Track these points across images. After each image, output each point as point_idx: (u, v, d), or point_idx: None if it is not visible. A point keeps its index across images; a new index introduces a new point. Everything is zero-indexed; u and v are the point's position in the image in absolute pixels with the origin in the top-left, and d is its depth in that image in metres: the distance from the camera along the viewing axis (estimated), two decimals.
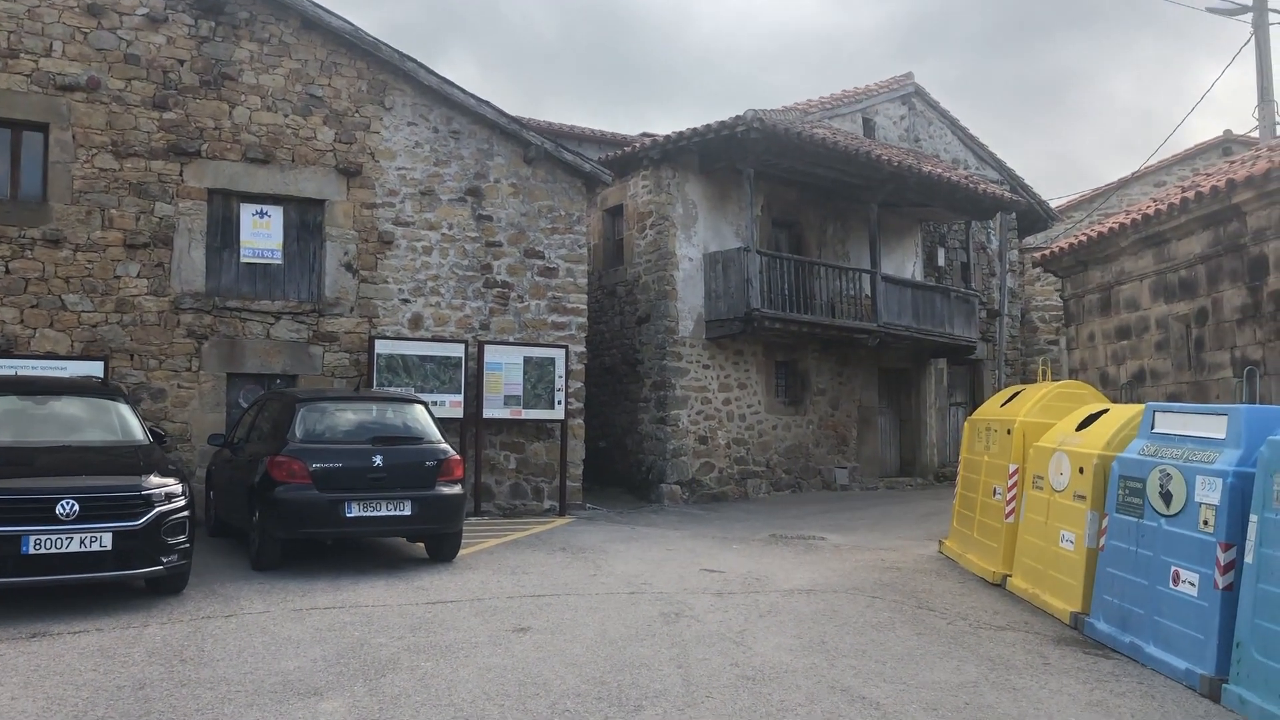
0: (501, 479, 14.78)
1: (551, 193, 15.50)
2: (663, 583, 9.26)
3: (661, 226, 17.02)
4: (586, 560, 10.45)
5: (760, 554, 11.26)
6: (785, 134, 15.89)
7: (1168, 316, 10.74)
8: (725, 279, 16.82)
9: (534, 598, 8.45)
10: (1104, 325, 12.05)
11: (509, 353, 14.57)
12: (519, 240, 15.20)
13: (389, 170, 14.38)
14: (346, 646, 6.79)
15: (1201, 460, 6.63)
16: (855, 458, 19.61)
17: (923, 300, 19.30)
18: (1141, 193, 28.72)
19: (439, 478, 9.87)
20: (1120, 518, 7.44)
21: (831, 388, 19.32)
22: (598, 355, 18.41)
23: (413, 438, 10.12)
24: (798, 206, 19.05)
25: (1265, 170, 8.58)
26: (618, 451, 18.03)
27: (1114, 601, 7.37)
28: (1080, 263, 12.47)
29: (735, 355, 17.71)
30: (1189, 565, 6.54)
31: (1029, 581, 8.96)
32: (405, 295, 14.37)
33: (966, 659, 6.79)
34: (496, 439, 14.77)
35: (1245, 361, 9.34)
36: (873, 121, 20.66)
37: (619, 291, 18.17)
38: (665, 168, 17.03)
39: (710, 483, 17.10)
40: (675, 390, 16.83)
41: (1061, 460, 8.66)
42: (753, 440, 17.85)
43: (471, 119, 14.95)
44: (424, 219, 14.56)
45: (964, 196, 19.23)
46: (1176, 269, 10.54)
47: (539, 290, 15.30)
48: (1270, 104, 17.08)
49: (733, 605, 8.31)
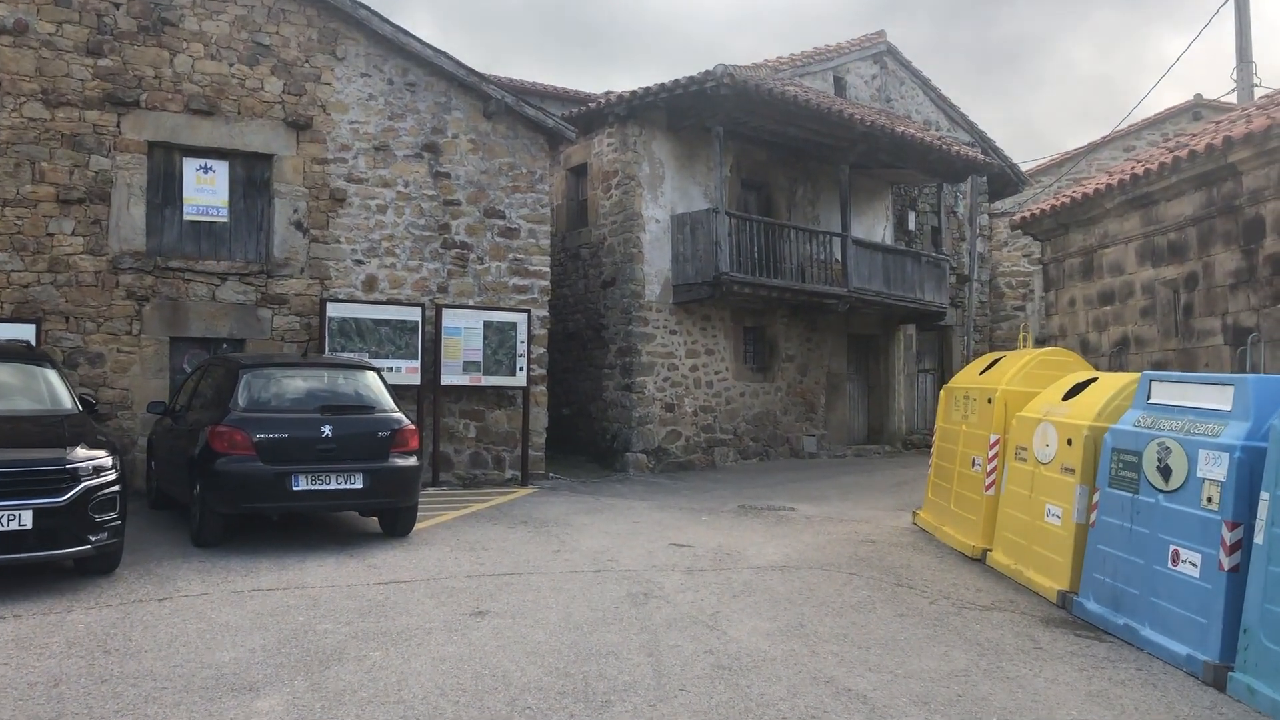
0: (461, 448, 14.24)
1: (512, 149, 14.85)
2: (630, 559, 8.80)
3: (627, 186, 16.43)
4: (549, 535, 9.97)
5: (730, 526, 10.84)
6: (756, 90, 15.32)
7: (1154, 281, 10.36)
8: (693, 241, 16.29)
9: (493, 577, 7.96)
10: (1085, 290, 11.67)
11: (468, 317, 13.97)
12: (478, 199, 14.56)
13: (341, 124, 13.67)
14: (289, 634, 6.27)
15: (1204, 433, 6.23)
16: (824, 425, 19.25)
17: (894, 265, 18.89)
18: (1111, 157, 28.47)
19: (392, 449, 9.31)
20: (1113, 493, 7.06)
21: (800, 354, 18.90)
22: (561, 320, 17.86)
23: (364, 406, 9.55)
24: (767, 167, 18.53)
25: (1265, 127, 8.17)
26: (582, 419, 17.53)
27: (1106, 581, 7.00)
28: (1061, 225, 12.06)
29: (703, 321, 17.22)
30: (1190, 544, 6.17)
31: (1011, 557, 8.60)
32: (359, 256, 13.71)
33: (954, 643, 6.39)
34: (455, 407, 14.21)
35: (1238, 328, 8.98)
36: (844, 80, 20.12)
37: (583, 254, 17.59)
38: (631, 125, 16.42)
39: (677, 451, 16.66)
40: (641, 356, 16.33)
41: (1047, 431, 8.27)
42: (720, 408, 17.41)
43: (428, 70, 14.25)
44: (378, 176, 13.88)
45: (937, 158, 18.78)
46: (1165, 231, 10.15)
47: (500, 251, 14.70)
48: (1249, 65, 16.73)
49: (704, 584, 7.87)
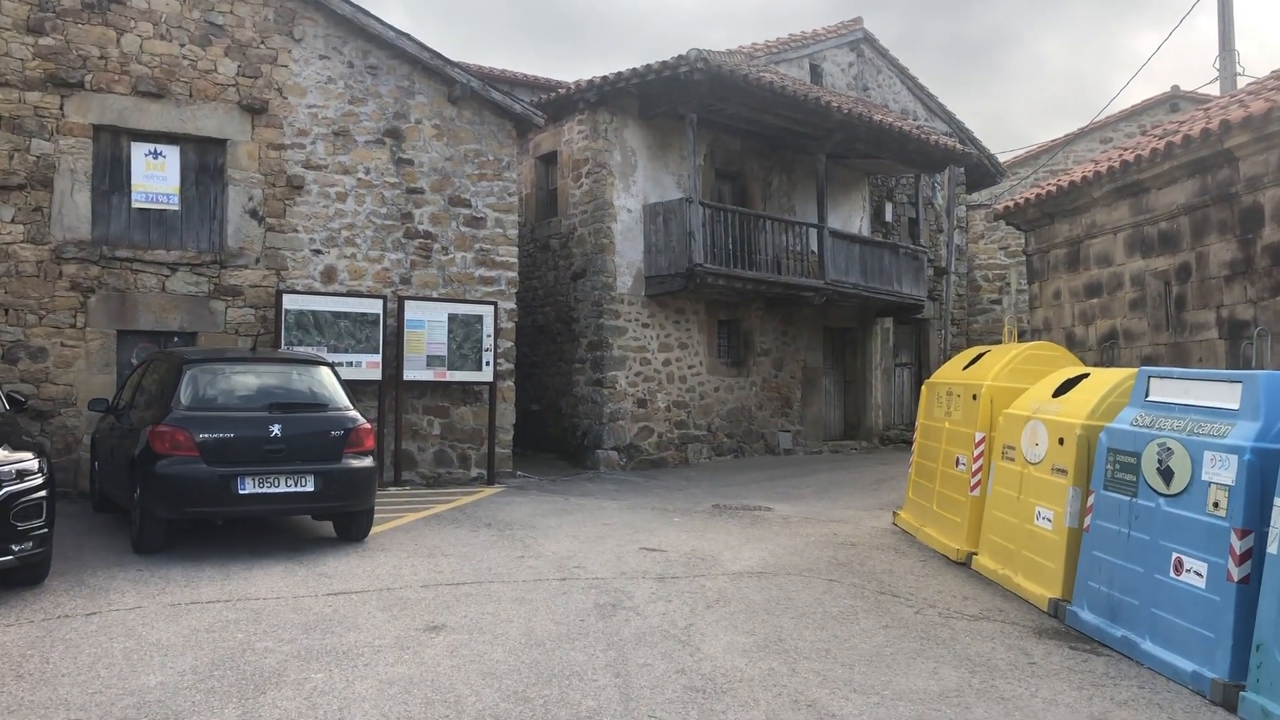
0: (424, 446, 13.71)
1: (479, 136, 14.32)
2: (598, 565, 8.33)
3: (598, 175, 15.93)
4: (514, 539, 9.48)
5: (704, 528, 10.39)
6: (731, 76, 14.86)
7: (1145, 273, 9.98)
8: (666, 232, 15.82)
9: (452, 586, 7.46)
10: (1071, 282, 11.29)
11: (432, 309, 13.44)
12: (443, 187, 14.02)
13: (299, 108, 13.09)
14: (226, 653, 5.75)
15: (1210, 434, 5.83)
16: (799, 421, 18.84)
17: (871, 257, 18.49)
18: (1088, 149, 28.25)
19: (346, 449, 8.79)
20: (1109, 495, 6.65)
21: (775, 348, 18.48)
22: (529, 313, 17.35)
23: (317, 404, 9.02)
24: (741, 156, 18.07)
25: (1266, 110, 7.79)
26: (551, 415, 17.03)
27: (1101, 589, 6.60)
28: (1046, 215, 11.67)
29: (676, 313, 16.75)
30: (1195, 553, 5.76)
31: (998, 561, 8.19)
32: (317, 246, 13.15)
33: (943, 659, 5.96)
34: (419, 403, 13.68)
35: (1233, 322, 8.61)
36: (820, 68, 19.70)
37: (553, 244, 17.08)
38: (602, 111, 15.92)
39: (649, 448, 16.20)
40: (613, 350, 15.85)
41: (1037, 429, 7.86)
42: (694, 403, 16.96)
43: (391, 53, 13.69)
44: (338, 162, 13.31)
45: (915, 148, 18.39)
46: (1156, 221, 9.76)
47: (465, 241, 14.17)
48: (1231, 53, 16.44)
49: (676, 593, 7.41)
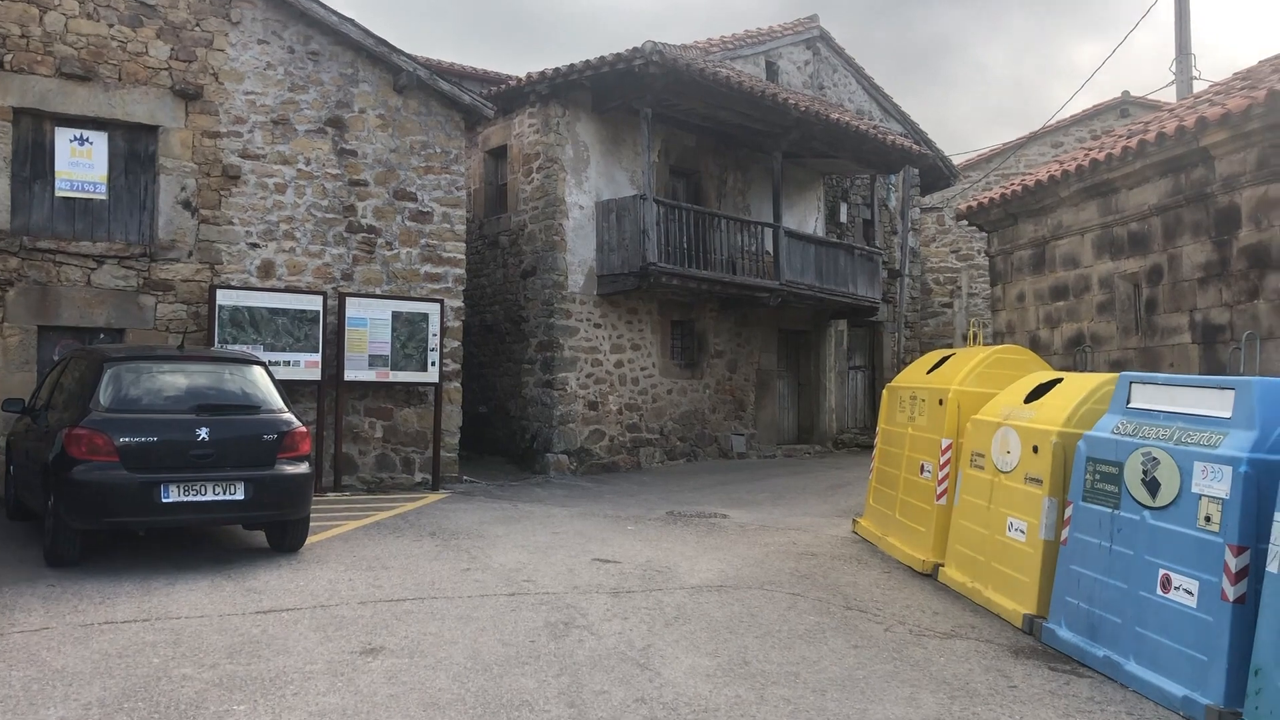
0: (366, 449, 13.13)
1: (425, 127, 13.77)
2: (549, 578, 7.86)
3: (550, 170, 15.45)
4: (459, 549, 8.97)
5: (659, 536, 9.97)
6: (687, 70, 14.46)
7: (1113, 275, 9.73)
8: (620, 230, 15.38)
9: (392, 603, 6.95)
10: (1036, 284, 11.04)
11: (375, 306, 12.88)
12: (388, 179, 13.45)
13: (236, 94, 12.46)
14: (139, 682, 5.21)
15: (1201, 443, 5.51)
16: (753, 424, 18.50)
17: (826, 258, 18.21)
18: (1039, 154, 28.31)
19: (280, 454, 8.24)
20: (1088, 507, 6.33)
21: (730, 349, 18.12)
22: (477, 311, 16.82)
23: (249, 406, 8.44)
24: (696, 154, 17.69)
25: (1244, 107, 7.55)
26: (499, 418, 16.51)
27: (1080, 606, 6.27)
28: (1010, 215, 11.41)
29: (629, 313, 16.32)
30: (1184, 569, 5.44)
31: (967, 574, 7.86)
32: (254, 239, 12.52)
33: (919, 683, 5.59)
34: (360, 404, 13.10)
35: (1207, 325, 8.36)
36: (776, 65, 19.37)
37: (502, 241, 16.56)
38: (554, 105, 15.44)
39: (600, 452, 15.75)
40: (563, 351, 15.37)
41: (1009, 436, 7.54)
42: (646, 406, 16.54)
43: (333, 39, 13.10)
44: (277, 152, 12.69)
45: (872, 148, 18.14)
46: (1126, 222, 9.52)
47: (410, 237, 13.61)
48: (1188, 57, 16.39)
49: (633, 609, 6.96)
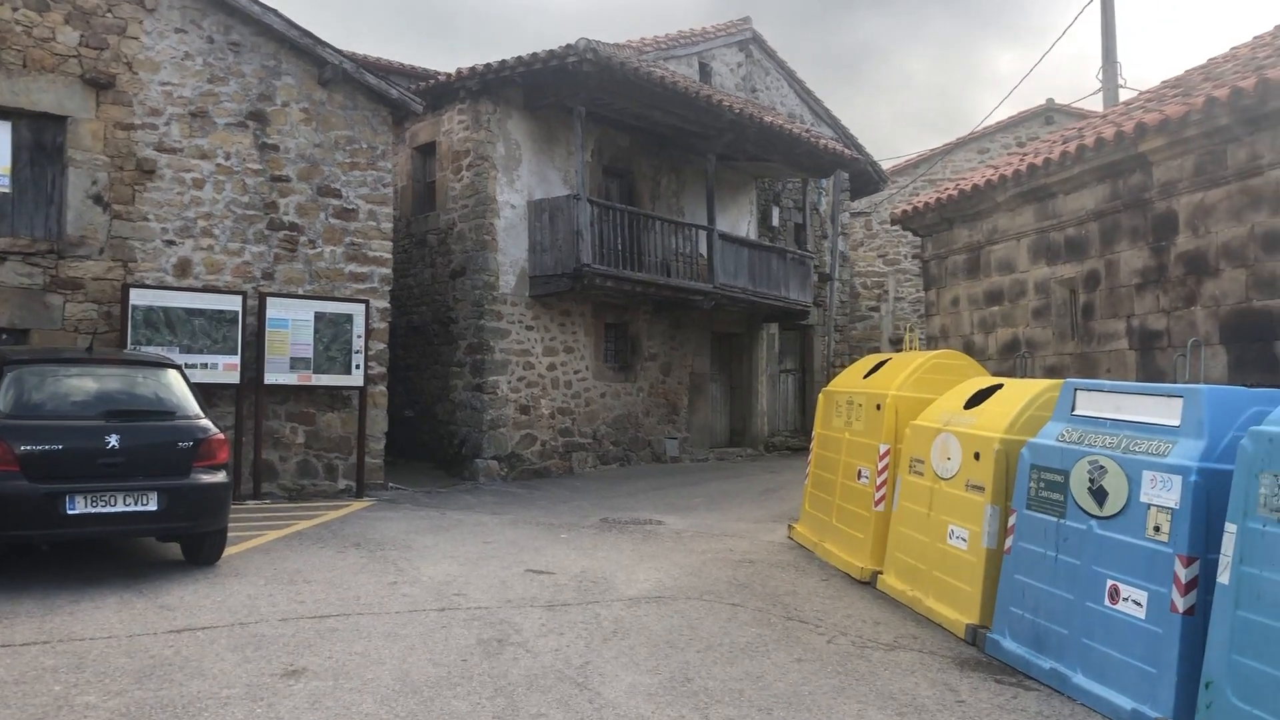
0: (287, 456, 12.66)
1: (351, 122, 13.34)
2: (480, 591, 7.56)
3: (480, 168, 15.11)
4: (386, 561, 8.62)
5: (594, 545, 9.72)
6: (621, 69, 14.24)
7: (1050, 280, 9.75)
8: (552, 230, 15.09)
9: (316, 620, 6.60)
10: (971, 289, 11.03)
11: (297, 307, 12.43)
12: (311, 175, 13.00)
13: (151, 85, 11.91)
14: (35, 713, 4.81)
15: (1149, 452, 5.44)
16: (686, 428, 18.34)
17: (759, 261, 18.13)
18: (965, 160, 28.70)
19: (196, 462, 7.81)
20: (1033, 516, 6.24)
21: (663, 352, 17.95)
22: (404, 312, 16.40)
23: (162, 411, 8.00)
24: (630, 154, 17.49)
25: (1182, 113, 7.56)
26: (426, 422, 16.11)
27: (1025, 616, 6.18)
28: (945, 220, 11.40)
29: (562, 316, 16.04)
30: (1132, 580, 5.36)
31: (906, 582, 7.76)
32: (170, 236, 11.98)
33: (866, 698, 5.43)
34: (281, 409, 12.63)
35: (1144, 331, 8.38)
36: (709, 67, 19.26)
37: (430, 241, 16.16)
38: (485, 101, 15.11)
39: (532, 457, 15.44)
40: (494, 354, 15.04)
41: (949, 443, 7.45)
42: (579, 410, 16.28)
43: (255, 29, 12.61)
44: (195, 146, 12.18)
45: (804, 151, 18.12)
46: (1063, 227, 9.52)
47: (335, 235, 13.17)
48: (1114, 65, 16.67)
49: (569, 623, 6.71)
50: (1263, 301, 7.24)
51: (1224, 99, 7.26)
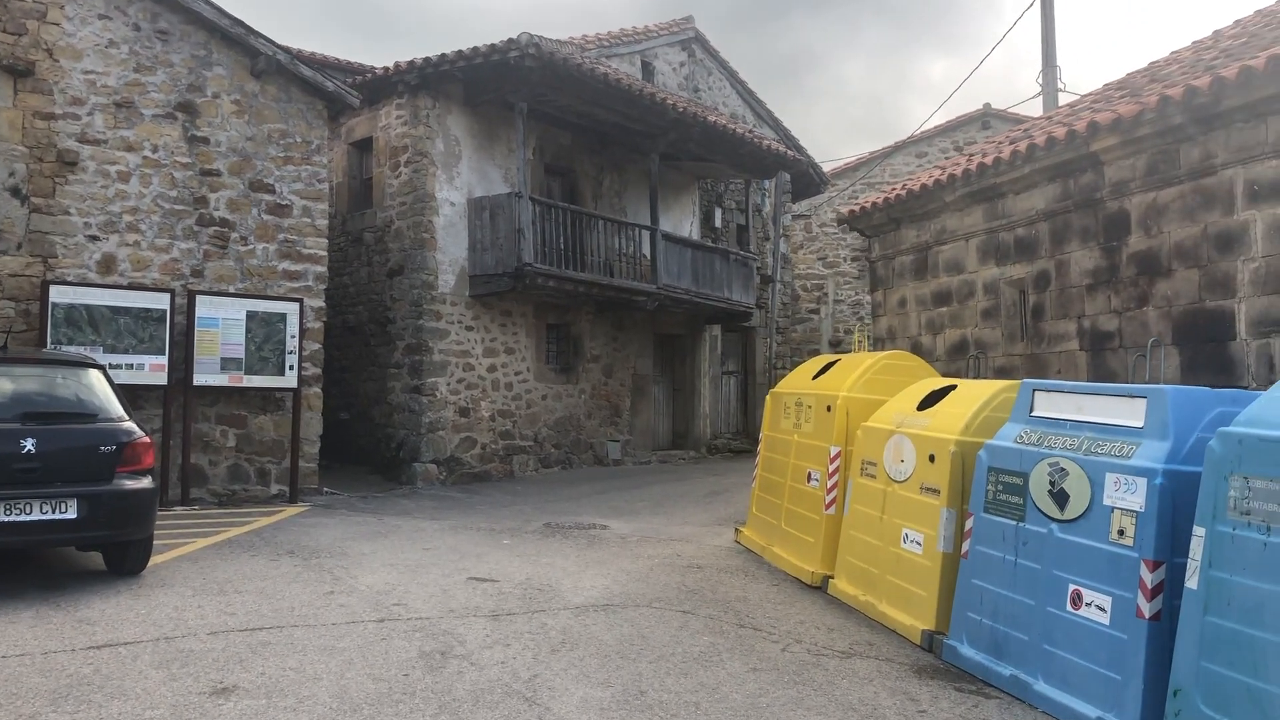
0: (217, 460, 12.19)
1: (285, 115, 12.91)
2: (421, 601, 7.26)
3: (419, 164, 14.74)
4: (321, 569, 8.27)
5: (537, 551, 9.45)
6: (564, 65, 13.99)
7: (999, 280, 9.70)
8: (493, 228, 14.78)
9: (247, 633, 6.25)
10: (918, 290, 10.97)
11: (228, 305, 11.98)
12: (243, 169, 12.55)
13: (73, 73, 11.39)
14: None
15: (1112, 454, 5.34)
16: (629, 430, 18.13)
17: (703, 262, 17.98)
18: (904, 163, 28.92)
19: (120, 467, 7.40)
20: (991, 519, 6.13)
21: (606, 354, 17.71)
22: (340, 312, 15.97)
23: (84, 414, 7.57)
24: (572, 152, 17.23)
25: (1135, 113, 7.53)
26: (363, 425, 15.69)
27: (984, 622, 6.06)
28: (892, 220, 11.32)
29: (503, 316, 15.73)
30: (1096, 585, 5.25)
31: (859, 586, 7.62)
32: (94, 231, 11.47)
33: (826, 709, 5.25)
34: (211, 411, 12.16)
35: (1095, 332, 8.35)
36: (652, 66, 19.08)
37: (367, 238, 15.75)
38: (424, 96, 14.75)
39: (471, 461, 15.10)
40: (433, 355, 14.68)
41: (902, 445, 7.33)
42: (520, 412, 15.97)
43: (184, 17, 12.14)
44: (120, 137, 11.67)
45: (748, 152, 18.01)
46: (1013, 227, 9.48)
47: (268, 231, 12.73)
48: (1054, 69, 16.82)
49: (515, 634, 6.44)
50: (1215, 302, 7.24)
51: (1178, 98, 7.24)
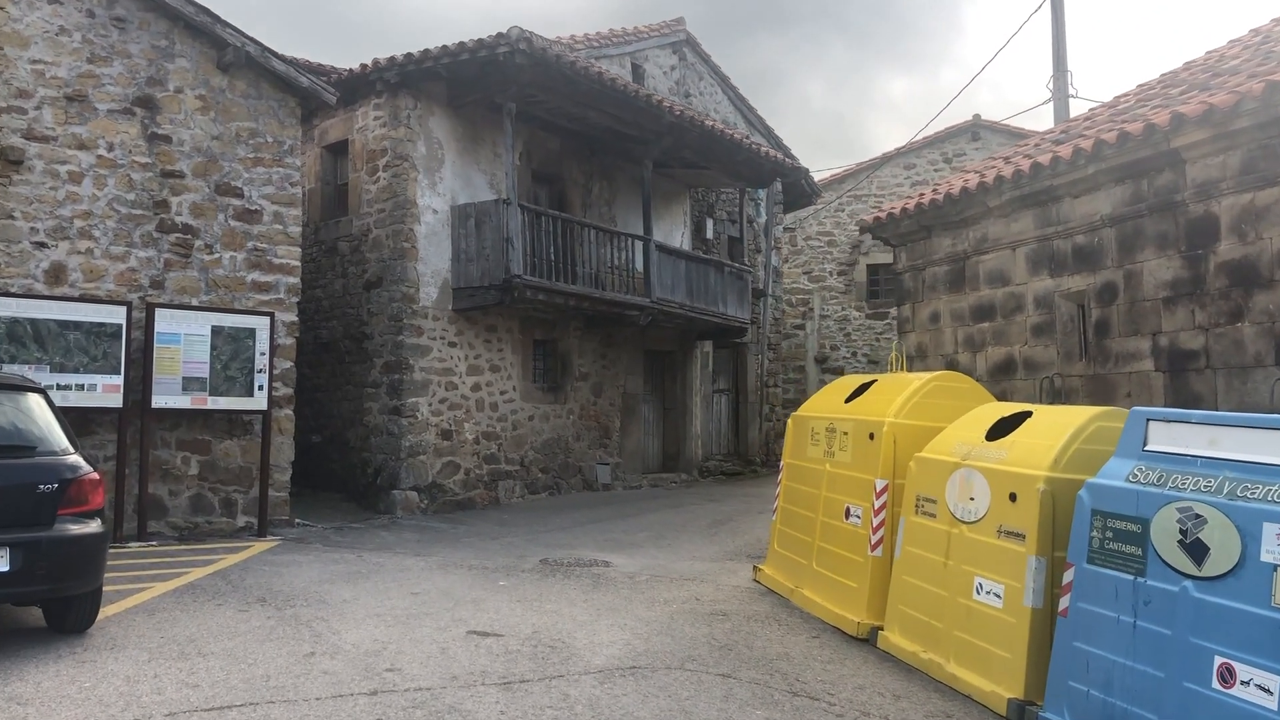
0: (179, 489, 11.07)
1: (255, 112, 11.86)
2: (418, 664, 6.22)
3: (399, 168, 13.71)
4: (298, 622, 7.20)
5: (539, 594, 8.44)
6: (557, 63, 13.02)
7: (1054, 293, 8.81)
8: (479, 237, 13.76)
9: (214, 713, 5.20)
10: (955, 303, 10.08)
11: (191, 320, 10.88)
12: (209, 171, 11.47)
13: (19, 63, 10.30)
14: None
15: (1268, 499, 4.44)
16: (618, 452, 17.12)
17: (697, 274, 17.05)
18: (892, 175, 28.30)
19: (62, 509, 6.33)
20: (1098, 571, 5.21)
21: (595, 372, 16.71)
22: (313, 327, 14.87)
23: (20, 446, 6.47)
24: (560, 158, 16.26)
25: (1233, 103, 6.67)
26: (337, 449, 14.57)
27: (1093, 694, 5.12)
28: (923, 228, 10.43)
29: (487, 331, 14.70)
30: (1253, 658, 4.34)
31: (918, 641, 6.68)
32: (41, 237, 10.35)
33: None
34: (172, 436, 11.04)
35: (1175, 351, 7.48)
36: (642, 69, 18.18)
37: (342, 248, 14.67)
38: (404, 95, 13.73)
39: (455, 487, 14.03)
40: (413, 373, 13.62)
41: (972, 480, 6.41)
42: (506, 434, 14.93)
43: (144, 4, 11.09)
44: (71, 134, 10.57)
45: (745, 159, 17.13)
46: (1070, 234, 8.58)
47: (235, 239, 11.65)
48: (1064, 73, 16.05)
49: (534, 710, 5.43)
50: None
51: None
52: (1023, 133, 26.90)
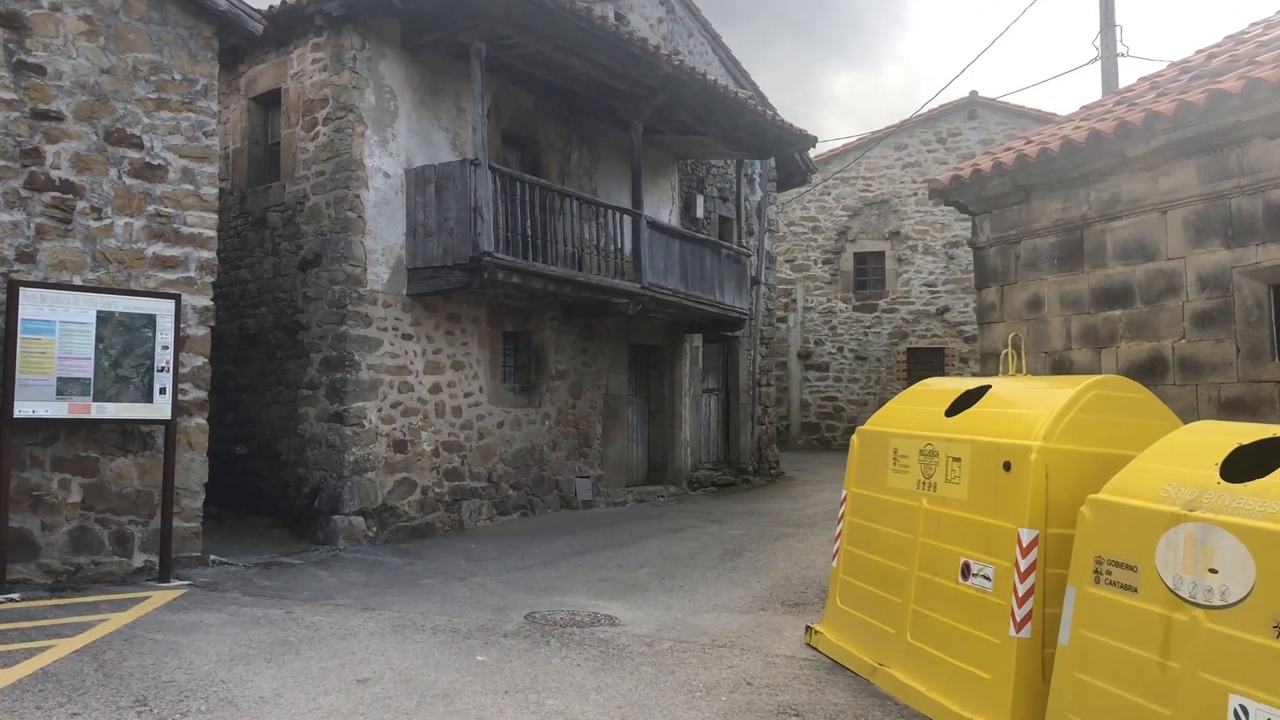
0: (54, 522, 8.56)
1: (159, 42, 9.36)
2: None
3: (342, 121, 11.25)
4: None
5: (532, 678, 6.12)
6: None
7: (1229, 270, 6.62)
8: (440, 207, 11.36)
9: None
10: (1067, 285, 7.88)
11: (69, 303, 8.39)
12: (96, 113, 8.95)
13: None
14: None
15: None
16: (600, 463, 14.79)
17: (692, 257, 14.78)
18: (882, 156, 26.47)
19: None
20: None
21: (574, 369, 14.36)
22: (236, 315, 12.38)
23: None
24: (534, 118, 13.88)
25: None
26: (266, 463, 12.06)
27: None
28: (1020, 188, 8.18)
29: (449, 321, 12.28)
30: None
31: None
32: None
33: None
34: (45, 453, 8.52)
35: None
36: (626, 19, 15.81)
37: (272, 219, 12.15)
38: (350, 34, 11.27)
39: (409, 510, 11.61)
40: (360, 371, 11.18)
41: (1211, 541, 4.22)
42: (471, 444, 12.52)
43: None
44: None
45: (748, 123, 14.88)
46: (1257, 189, 6.40)
47: (132, 200, 9.14)
48: (1113, 29, 14.06)
49: None
50: None
51: None
52: (1025, 111, 25.02)
